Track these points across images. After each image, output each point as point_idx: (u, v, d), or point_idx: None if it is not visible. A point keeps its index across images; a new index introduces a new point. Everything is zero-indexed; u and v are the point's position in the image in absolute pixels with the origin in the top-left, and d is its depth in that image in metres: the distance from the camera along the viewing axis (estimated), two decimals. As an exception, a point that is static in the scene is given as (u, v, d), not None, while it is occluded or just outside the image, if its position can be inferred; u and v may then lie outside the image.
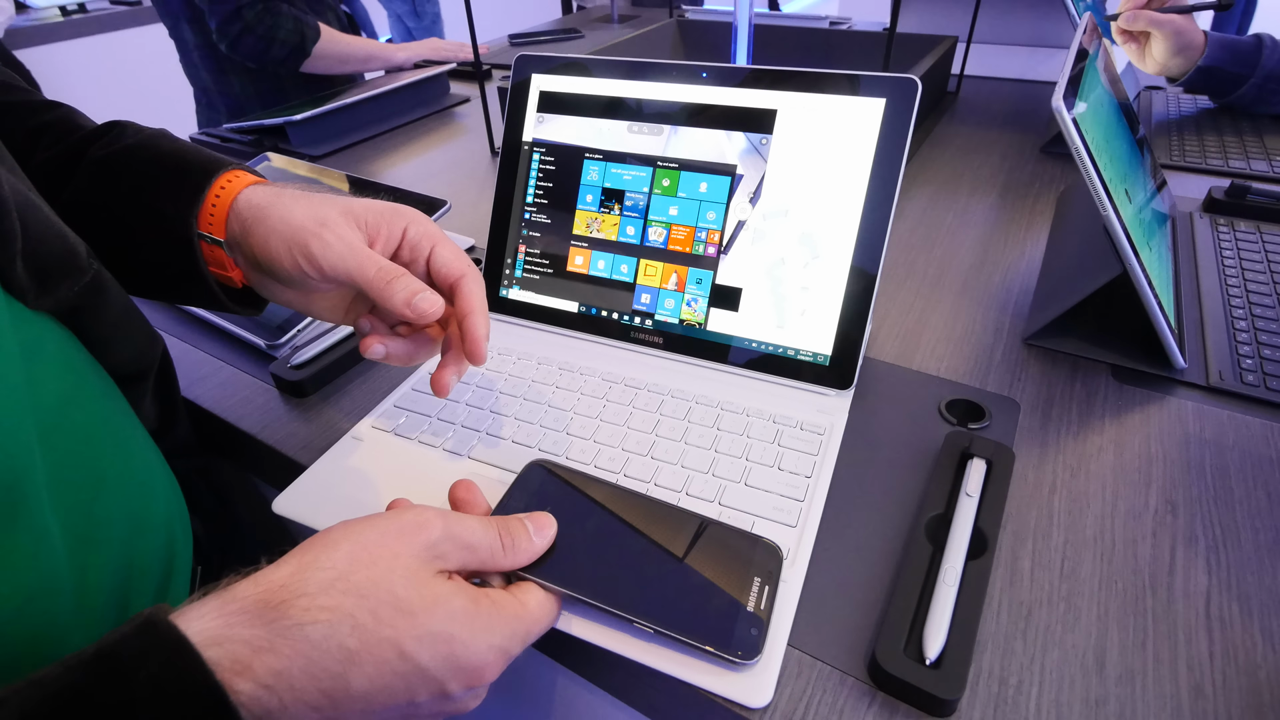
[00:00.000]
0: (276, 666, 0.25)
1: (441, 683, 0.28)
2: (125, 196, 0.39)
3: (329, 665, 0.26)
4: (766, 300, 0.49)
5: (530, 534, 0.33)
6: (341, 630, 0.26)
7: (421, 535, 0.29)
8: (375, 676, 0.27)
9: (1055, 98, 0.44)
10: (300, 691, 0.25)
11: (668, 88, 0.51)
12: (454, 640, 0.28)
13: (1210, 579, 0.36)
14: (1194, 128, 0.90)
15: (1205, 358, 0.51)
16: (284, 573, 0.27)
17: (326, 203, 0.38)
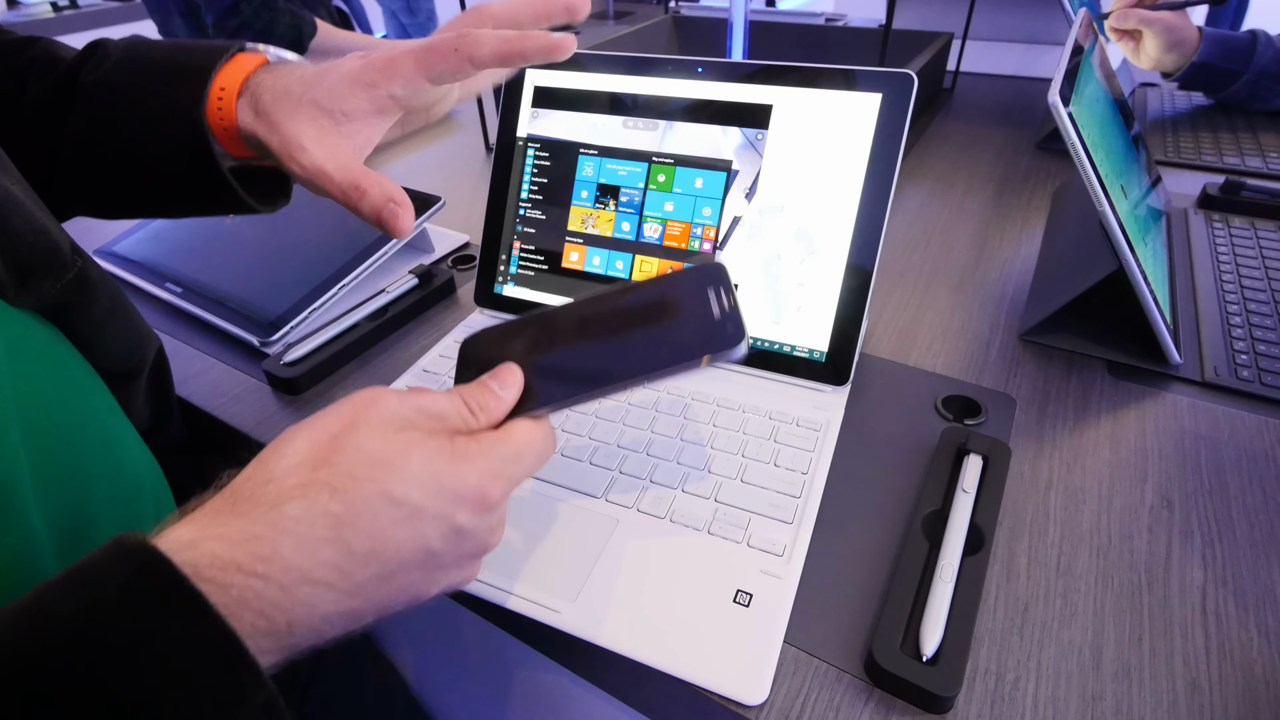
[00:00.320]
0: (262, 552, 0.23)
1: (446, 516, 0.26)
2: (125, 116, 0.38)
3: (319, 534, 0.24)
4: (762, 296, 0.48)
5: (495, 391, 0.31)
6: (320, 499, 0.25)
7: (377, 406, 0.27)
8: (374, 532, 0.25)
9: (1051, 93, 0.44)
10: (299, 570, 0.24)
11: (663, 83, 0.51)
12: (440, 474, 0.26)
13: (1206, 574, 0.36)
14: (1188, 124, 0.90)
15: (1200, 354, 0.51)
16: (245, 473, 0.26)
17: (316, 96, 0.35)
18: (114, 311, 0.38)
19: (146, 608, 0.21)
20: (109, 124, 0.38)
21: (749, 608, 0.35)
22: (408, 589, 0.27)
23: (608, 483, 0.41)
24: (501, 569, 0.37)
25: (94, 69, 0.39)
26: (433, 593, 0.28)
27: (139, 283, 0.66)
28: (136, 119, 0.38)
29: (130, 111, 0.38)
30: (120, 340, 0.38)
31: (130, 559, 0.22)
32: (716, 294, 0.34)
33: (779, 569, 0.36)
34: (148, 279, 0.65)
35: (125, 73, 0.39)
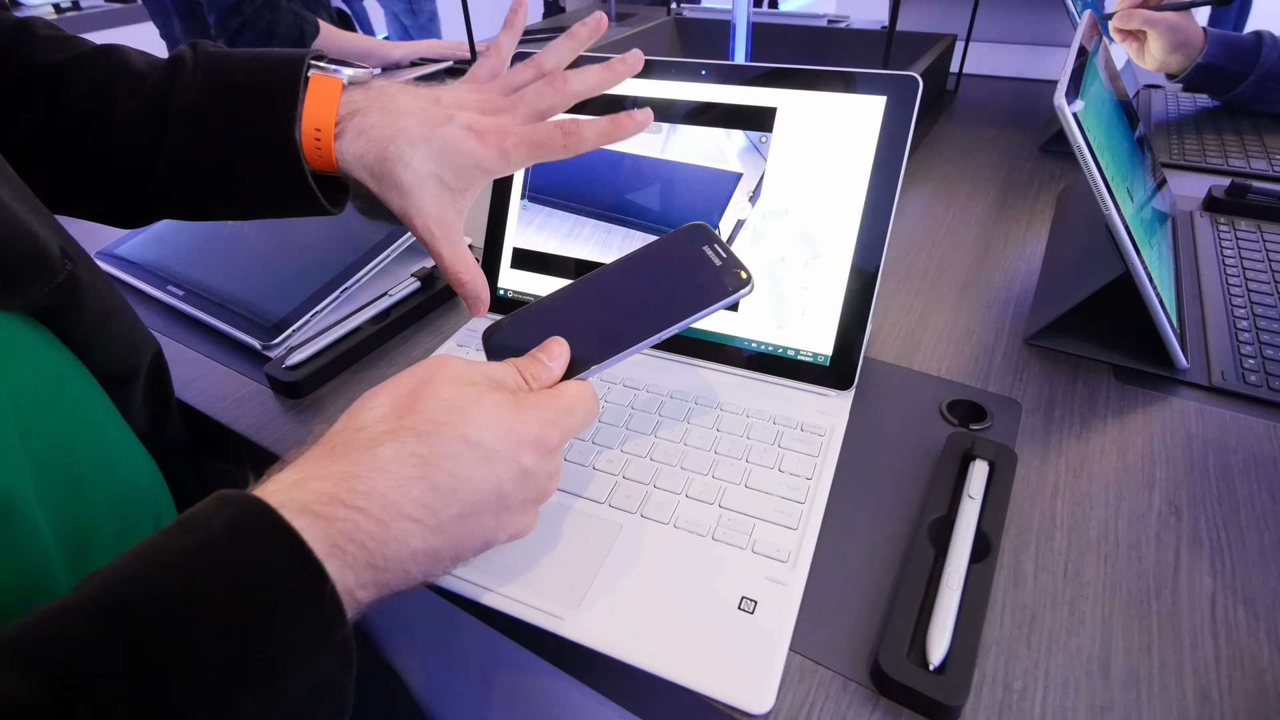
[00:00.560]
0: (361, 489, 0.26)
1: (515, 458, 0.29)
2: (223, 138, 0.40)
3: (409, 473, 0.27)
4: (766, 300, 0.48)
5: (545, 361, 0.34)
6: (408, 442, 0.27)
7: (447, 365, 0.31)
8: (455, 470, 0.28)
9: (1057, 95, 0.44)
10: (394, 505, 0.26)
11: (666, 85, 0.51)
12: (508, 419, 0.30)
13: (1215, 582, 0.36)
14: (1193, 126, 0.89)
15: (1207, 358, 0.51)
16: (338, 425, 0.29)
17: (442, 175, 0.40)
18: (108, 315, 0.38)
19: (250, 544, 0.23)
20: (205, 145, 0.41)
21: (754, 615, 0.34)
22: (480, 531, 0.29)
23: (611, 488, 0.41)
24: (504, 575, 0.37)
25: (185, 89, 0.41)
26: (500, 539, 0.30)
27: (141, 285, 0.65)
28: (233, 143, 0.40)
29: (227, 135, 0.40)
30: (115, 344, 0.38)
31: (232, 503, 0.24)
32: (711, 247, 0.38)
33: (784, 575, 0.36)
34: (150, 282, 0.65)
35: (216, 95, 0.41)
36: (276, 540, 0.24)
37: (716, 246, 0.38)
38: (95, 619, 0.21)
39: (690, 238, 0.39)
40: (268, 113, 0.39)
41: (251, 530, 0.24)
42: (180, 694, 0.21)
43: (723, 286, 0.36)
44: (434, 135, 0.39)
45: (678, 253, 0.38)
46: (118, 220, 0.45)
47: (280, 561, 0.23)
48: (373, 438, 0.28)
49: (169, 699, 0.21)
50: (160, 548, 0.23)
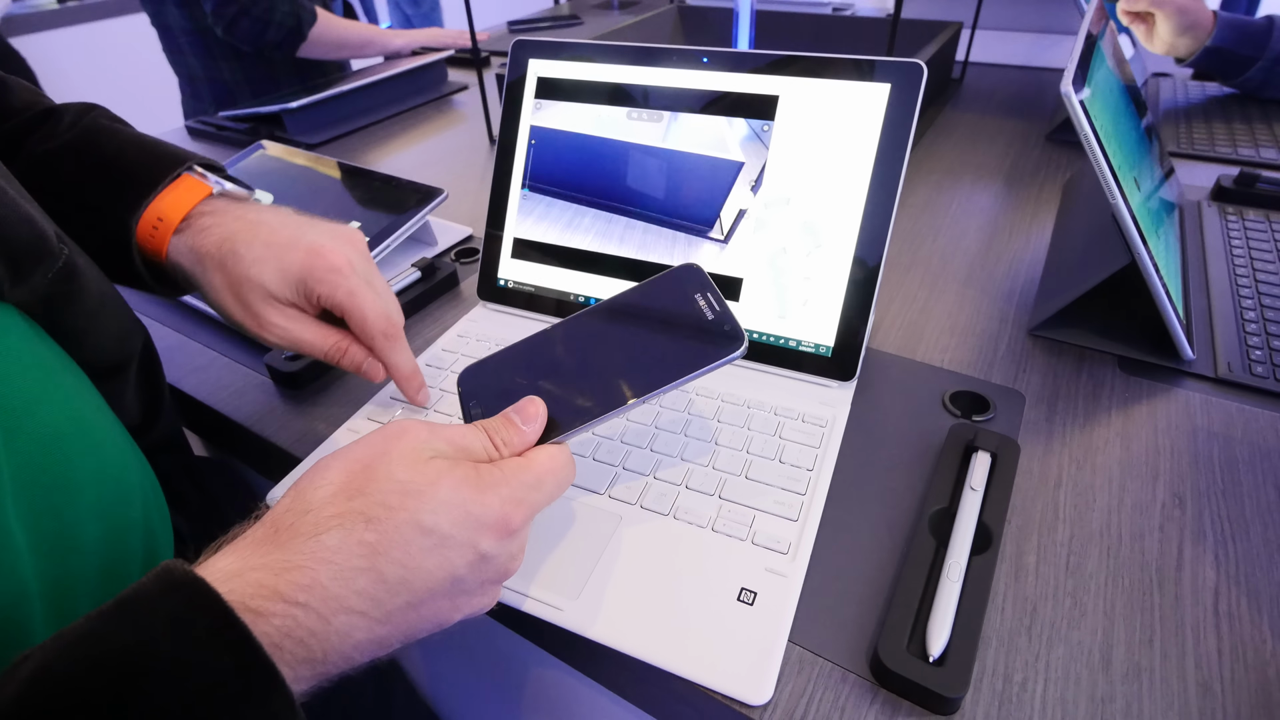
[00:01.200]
0: (303, 581, 0.24)
1: (471, 544, 0.28)
2: (61, 198, 0.39)
3: (355, 564, 0.25)
4: (768, 290, 0.48)
5: (519, 425, 0.32)
6: (356, 528, 0.26)
7: (408, 436, 0.29)
8: (405, 560, 0.26)
9: (1064, 82, 0.43)
10: (337, 599, 0.25)
11: (668, 73, 0.50)
12: (467, 501, 0.28)
13: (1219, 574, 0.36)
14: (1202, 115, 0.88)
15: (1214, 349, 0.50)
16: (283, 504, 0.27)
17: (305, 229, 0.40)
18: (103, 301, 0.37)
19: (196, 640, 0.22)
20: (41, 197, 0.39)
21: (753, 606, 0.34)
22: (433, 616, 0.28)
23: (610, 479, 0.41)
24: (503, 566, 0.37)
25: (45, 139, 0.40)
26: (455, 619, 0.29)
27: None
28: (72, 205, 0.39)
29: (66, 196, 0.39)
30: (109, 332, 0.38)
31: (179, 591, 0.23)
32: (703, 296, 0.35)
33: (784, 567, 0.36)
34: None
35: (74, 159, 0.40)
36: (226, 638, 0.22)
37: (710, 296, 0.35)
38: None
39: (681, 281, 0.36)
40: (113, 192, 0.39)
41: (199, 626, 0.22)
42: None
43: (714, 347, 0.33)
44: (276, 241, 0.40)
45: (667, 300, 0.36)
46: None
47: (226, 660, 0.22)
48: (318, 523, 0.26)
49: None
50: (99, 638, 0.21)
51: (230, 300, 0.40)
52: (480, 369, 0.36)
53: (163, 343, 0.57)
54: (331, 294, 0.40)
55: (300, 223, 0.41)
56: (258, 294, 0.39)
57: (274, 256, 0.39)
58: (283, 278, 0.39)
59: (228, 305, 0.40)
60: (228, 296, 0.40)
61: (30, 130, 0.40)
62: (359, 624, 0.25)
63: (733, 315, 0.34)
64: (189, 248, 0.40)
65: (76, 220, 0.39)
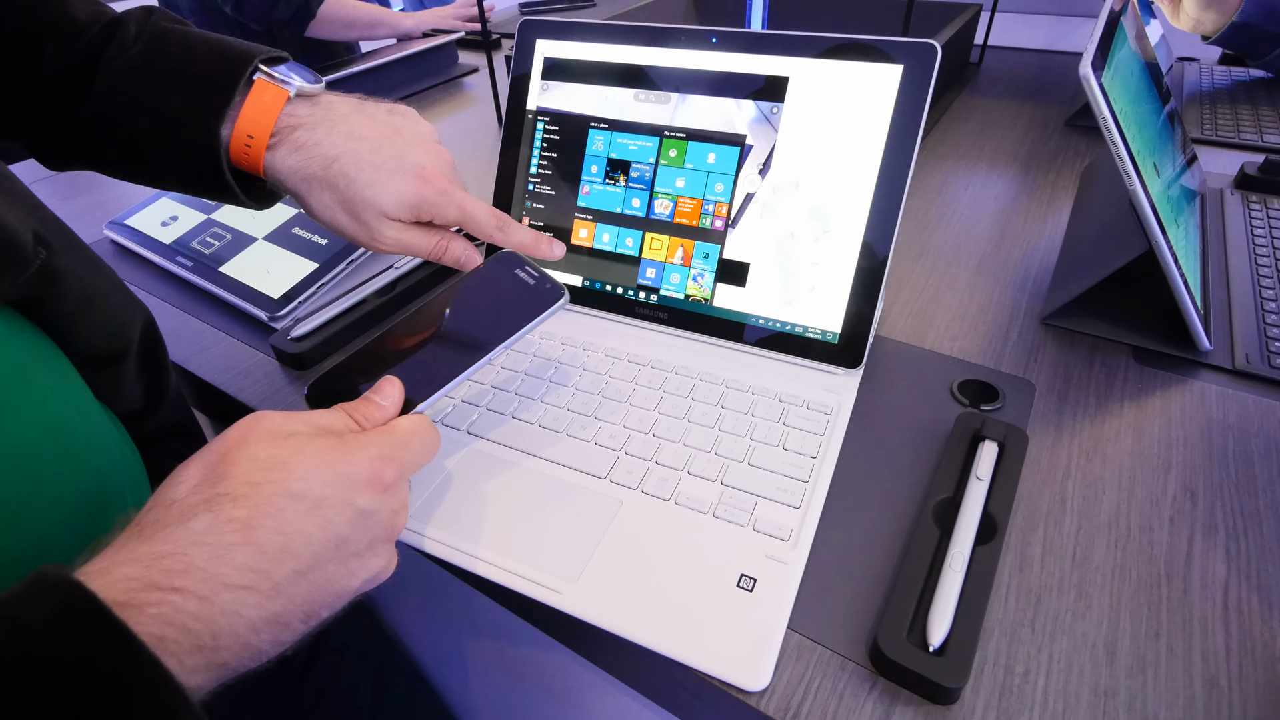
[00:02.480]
0: (175, 567, 0.23)
1: (348, 500, 0.27)
2: (145, 113, 0.39)
3: (229, 540, 0.25)
4: (775, 276, 0.47)
5: (378, 401, 0.33)
6: (224, 508, 0.25)
7: (263, 422, 0.29)
8: (281, 527, 0.26)
9: (1083, 64, 0.42)
10: (216, 576, 0.24)
11: (676, 54, 0.49)
12: (334, 463, 0.28)
13: (1229, 569, 0.35)
14: (1228, 100, 0.86)
15: (1231, 340, 0.49)
16: (145, 506, 0.26)
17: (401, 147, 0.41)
18: (89, 300, 0.36)
19: (70, 641, 0.21)
20: (128, 116, 0.40)
21: (753, 593, 0.34)
22: (329, 584, 0.27)
23: (612, 463, 0.41)
24: (504, 548, 0.37)
25: (118, 53, 0.40)
26: (353, 587, 0.28)
27: (149, 255, 0.66)
28: (155, 119, 0.39)
29: (150, 112, 0.40)
30: (100, 328, 0.37)
31: (54, 592, 0.22)
32: (523, 269, 0.40)
33: (784, 554, 0.36)
34: (159, 252, 0.65)
35: (149, 70, 0.40)
36: (102, 637, 0.21)
37: (528, 268, 0.40)
38: None
39: (502, 265, 0.40)
40: (193, 101, 0.39)
41: (73, 627, 0.21)
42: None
43: (538, 303, 0.38)
44: (383, 164, 0.40)
45: (492, 280, 0.40)
46: (43, 161, 0.44)
47: (105, 662, 0.21)
48: (184, 510, 0.25)
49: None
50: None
51: (344, 218, 0.41)
52: (328, 378, 0.38)
53: (167, 324, 0.57)
54: (445, 213, 0.42)
55: (393, 135, 0.42)
56: (372, 213, 0.40)
57: (386, 180, 0.40)
58: (397, 200, 0.40)
59: (340, 222, 0.41)
60: (341, 214, 0.41)
61: (102, 45, 0.40)
62: (247, 600, 0.24)
63: (550, 276, 0.39)
64: (290, 169, 0.40)
65: (165, 137, 0.40)
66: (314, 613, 0.27)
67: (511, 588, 0.35)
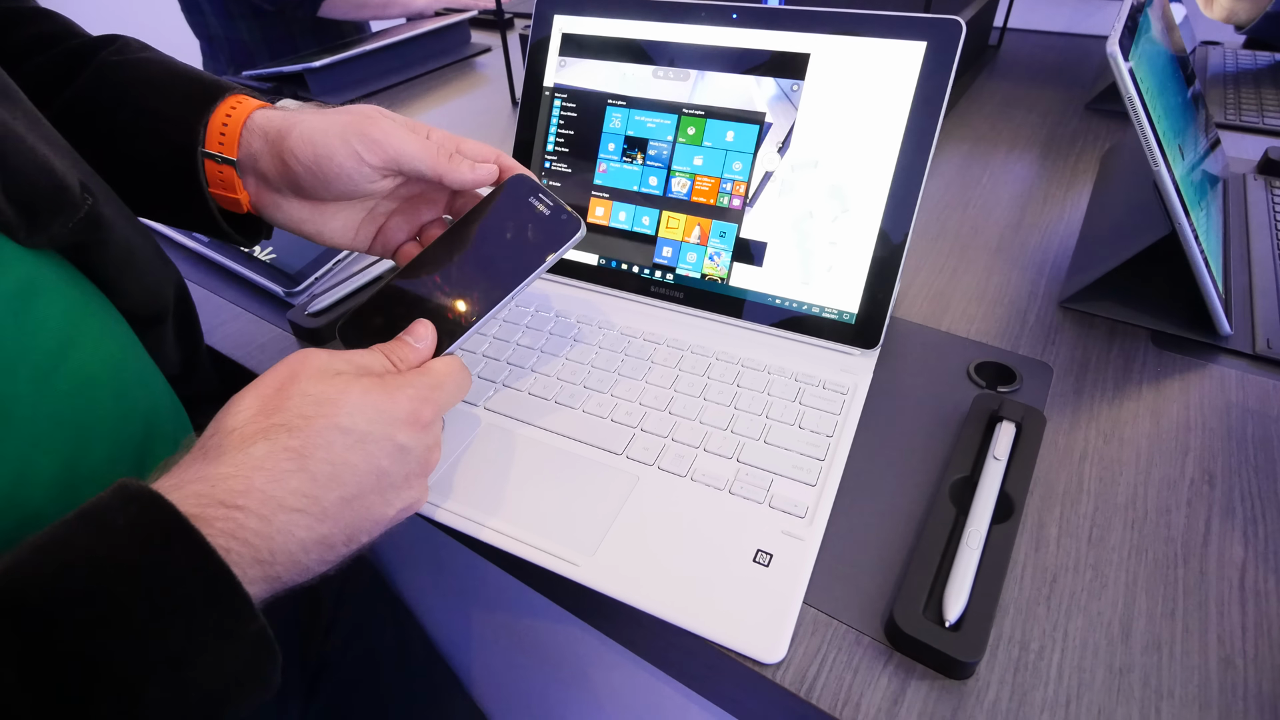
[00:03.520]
0: (238, 487, 0.26)
1: (389, 437, 0.30)
2: (130, 103, 0.40)
3: (285, 467, 0.27)
4: (792, 255, 0.47)
5: (411, 344, 0.35)
6: (280, 438, 0.28)
7: (311, 360, 0.31)
8: (331, 458, 0.28)
9: (1110, 43, 0.41)
10: (274, 499, 0.26)
11: (695, 30, 0.49)
12: (378, 402, 0.30)
13: (1247, 551, 0.35)
14: (1252, 83, 0.85)
15: (1253, 325, 0.49)
16: (205, 433, 0.29)
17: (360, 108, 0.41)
18: (130, 253, 0.37)
19: (150, 543, 0.23)
20: (109, 105, 0.40)
21: (769, 568, 0.34)
22: (369, 511, 0.30)
23: (629, 440, 0.41)
24: (522, 521, 0.37)
25: (116, 53, 0.41)
26: (390, 515, 0.31)
27: (166, 230, 0.66)
28: (136, 111, 0.40)
29: (133, 105, 0.40)
30: (142, 283, 0.38)
31: (136, 500, 0.24)
32: (536, 196, 0.40)
33: (800, 530, 0.36)
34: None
35: (142, 70, 0.41)
36: (178, 540, 0.24)
37: (542, 196, 0.40)
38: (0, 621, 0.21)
39: (516, 191, 0.40)
40: (179, 102, 0.39)
41: (153, 529, 0.23)
42: (82, 688, 0.21)
43: (556, 235, 0.39)
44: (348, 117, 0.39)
45: (508, 210, 0.40)
46: None
47: (181, 561, 0.23)
48: (244, 437, 0.27)
49: (72, 693, 0.21)
50: (63, 544, 0.23)
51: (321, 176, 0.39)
52: (357, 319, 0.38)
53: (189, 297, 0.58)
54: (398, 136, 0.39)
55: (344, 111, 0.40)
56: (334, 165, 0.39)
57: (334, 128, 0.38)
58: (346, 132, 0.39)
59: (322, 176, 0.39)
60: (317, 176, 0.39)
61: (99, 47, 0.42)
62: (300, 521, 0.27)
63: (564, 205, 0.39)
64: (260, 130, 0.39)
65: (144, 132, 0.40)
66: (355, 537, 0.30)
67: (529, 559, 0.36)
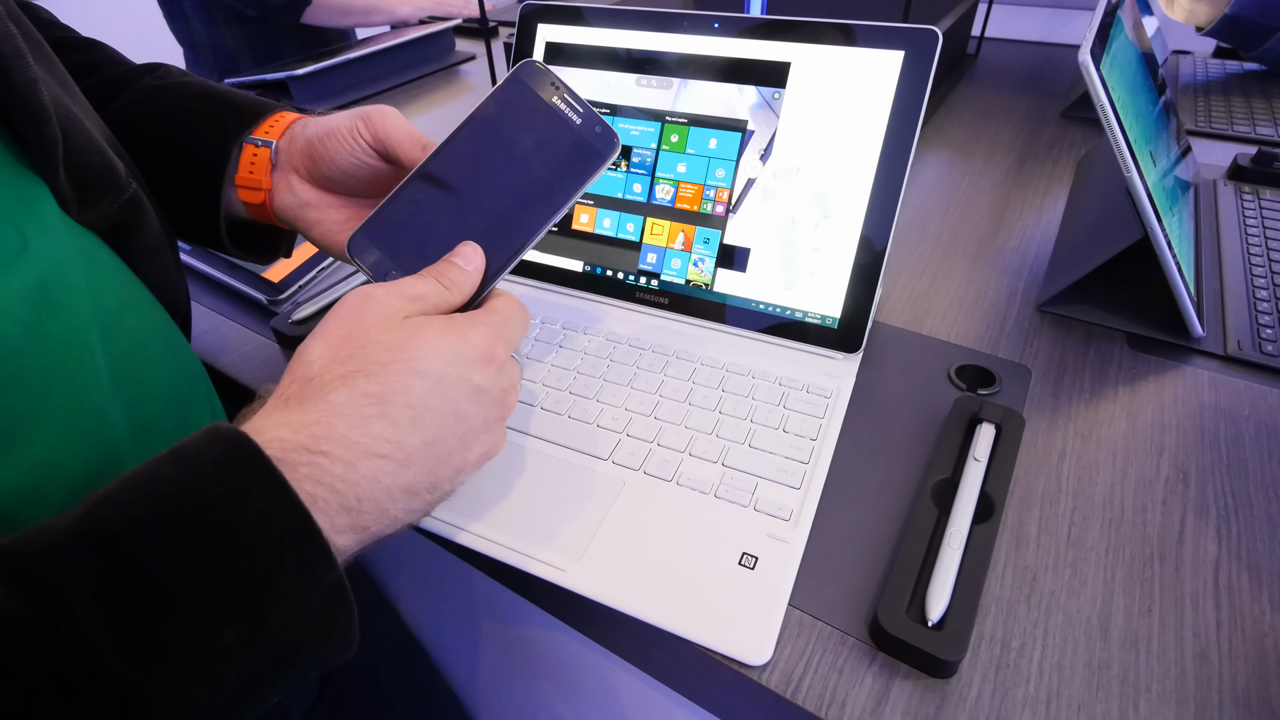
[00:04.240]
0: (322, 433, 0.26)
1: (466, 379, 0.30)
2: (170, 121, 0.42)
3: (366, 413, 0.27)
4: (775, 261, 0.48)
5: (461, 266, 0.34)
6: (358, 384, 0.28)
7: (372, 303, 0.30)
8: (410, 402, 0.28)
9: (1082, 52, 0.42)
10: (358, 445, 0.26)
11: (678, 39, 0.49)
12: (452, 343, 0.30)
13: (1220, 548, 0.36)
14: (1222, 92, 0.87)
15: (1224, 327, 0.50)
16: (283, 382, 0.29)
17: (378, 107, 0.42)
18: (161, 241, 0.39)
19: (234, 482, 0.23)
20: (147, 120, 0.42)
21: (754, 570, 0.34)
22: (449, 456, 0.29)
23: (614, 445, 0.41)
24: (507, 526, 0.37)
25: (158, 79, 0.43)
26: (471, 460, 0.31)
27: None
28: (173, 127, 0.42)
29: (171, 121, 0.42)
30: (167, 273, 0.39)
31: (223, 440, 0.24)
32: (560, 96, 0.36)
33: (785, 533, 0.36)
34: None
35: (184, 92, 0.43)
36: (262, 481, 0.24)
37: (566, 97, 0.36)
38: (82, 543, 0.22)
39: (528, 82, 0.36)
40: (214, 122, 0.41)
41: (238, 469, 0.24)
42: (156, 620, 0.21)
43: (593, 150, 0.35)
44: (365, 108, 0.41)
45: (527, 109, 0.36)
46: None
47: (263, 502, 0.24)
48: (322, 385, 0.28)
49: (145, 623, 0.21)
50: (151, 475, 0.24)
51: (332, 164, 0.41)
52: (370, 231, 0.35)
53: (170, 306, 0.57)
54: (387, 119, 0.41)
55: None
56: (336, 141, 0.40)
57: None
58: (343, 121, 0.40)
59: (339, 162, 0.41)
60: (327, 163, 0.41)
61: (143, 73, 0.43)
62: (384, 468, 0.27)
63: (595, 112, 0.36)
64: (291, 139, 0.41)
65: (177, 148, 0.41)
66: (438, 484, 0.29)
67: (515, 565, 0.36)
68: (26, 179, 0.30)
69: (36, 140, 0.29)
